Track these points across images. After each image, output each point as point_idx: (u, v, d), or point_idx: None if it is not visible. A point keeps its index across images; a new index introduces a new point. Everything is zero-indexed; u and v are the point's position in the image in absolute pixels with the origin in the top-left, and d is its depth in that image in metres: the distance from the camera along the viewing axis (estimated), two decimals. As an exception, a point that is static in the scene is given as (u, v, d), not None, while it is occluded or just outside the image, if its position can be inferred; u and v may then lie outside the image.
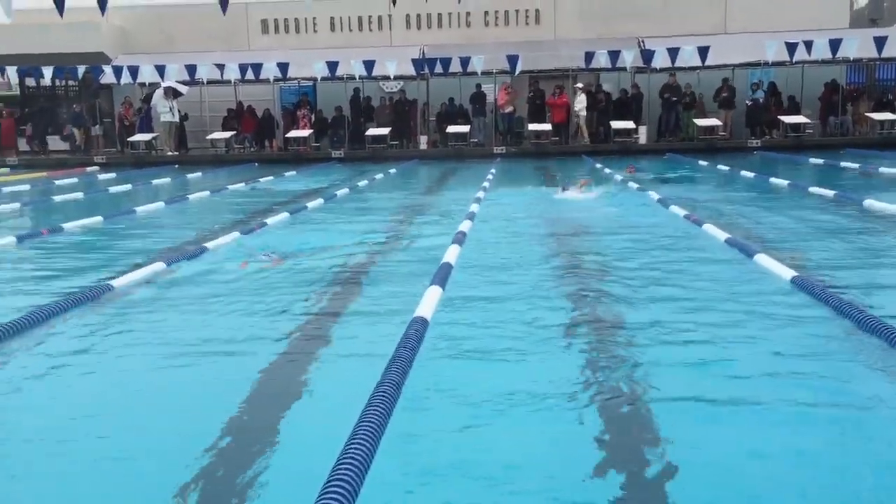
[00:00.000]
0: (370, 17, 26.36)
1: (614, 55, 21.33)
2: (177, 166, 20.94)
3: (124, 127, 24.22)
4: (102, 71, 22.89)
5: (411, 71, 22.41)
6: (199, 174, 18.17)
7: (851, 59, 21.68)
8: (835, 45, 20.39)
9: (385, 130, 22.87)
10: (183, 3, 26.32)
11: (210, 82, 23.49)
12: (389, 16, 25.64)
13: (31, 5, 21.11)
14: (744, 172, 14.30)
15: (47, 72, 22.45)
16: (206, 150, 24.04)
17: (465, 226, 8.22)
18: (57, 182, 16.80)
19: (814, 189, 10.95)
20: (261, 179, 15.99)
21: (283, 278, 6.07)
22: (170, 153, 23.02)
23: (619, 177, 13.96)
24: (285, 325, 4.72)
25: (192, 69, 22.21)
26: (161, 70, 22.14)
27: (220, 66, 22.22)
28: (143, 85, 23.65)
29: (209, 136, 24.02)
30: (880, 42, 20.43)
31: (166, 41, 25.99)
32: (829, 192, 10.40)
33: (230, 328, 4.70)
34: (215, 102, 25.49)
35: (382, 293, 5.58)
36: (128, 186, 15.40)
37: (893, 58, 22.43)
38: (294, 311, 5.07)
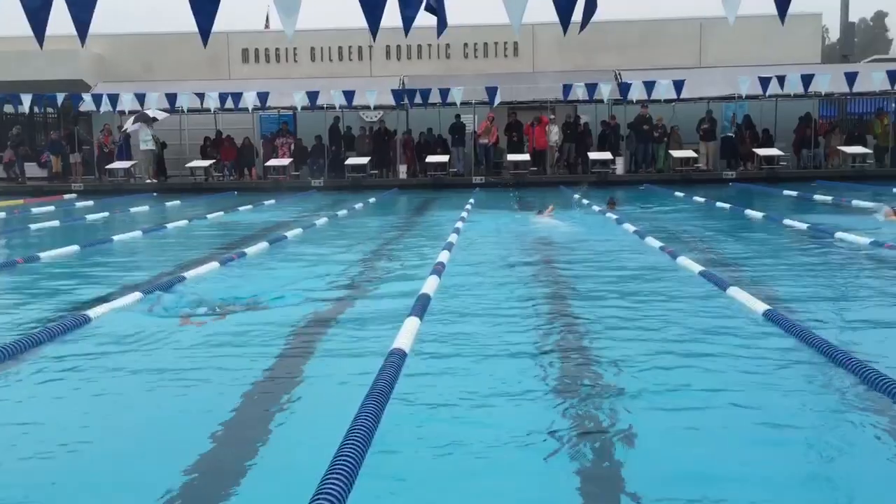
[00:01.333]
0: (350, 47, 26.61)
1: (591, 87, 21.64)
2: (155, 194, 20.89)
3: (103, 154, 24.15)
4: (82, 98, 22.87)
5: (391, 101, 22.59)
6: (177, 202, 18.13)
7: (823, 93, 22.13)
8: (807, 79, 20.83)
9: (364, 160, 22.98)
10: (163, 32, 26.46)
11: (190, 111, 23.53)
12: (370, 47, 25.91)
13: (12, 33, 21.08)
14: (719, 204, 14.50)
15: (26, 99, 22.39)
16: (185, 179, 24.01)
17: (443, 256, 8.27)
18: (34, 209, 16.68)
19: (788, 221, 11.13)
20: (240, 208, 15.99)
21: (260, 312, 6.07)
22: (148, 181, 22.97)
23: (597, 207, 14.11)
24: (262, 359, 4.71)
25: (172, 97, 22.26)
26: (141, 98, 22.16)
27: (200, 95, 22.30)
28: (122, 113, 23.63)
29: (188, 165, 23.99)
30: (851, 77, 20.89)
31: (146, 69, 26.05)
32: (803, 225, 10.58)
33: (203, 364, 4.69)
34: (195, 131, 25.54)
35: (360, 324, 5.59)
36: (105, 214, 15.33)
37: (864, 93, 22.95)
38: (269, 345, 5.06)
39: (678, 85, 21.26)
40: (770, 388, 3.99)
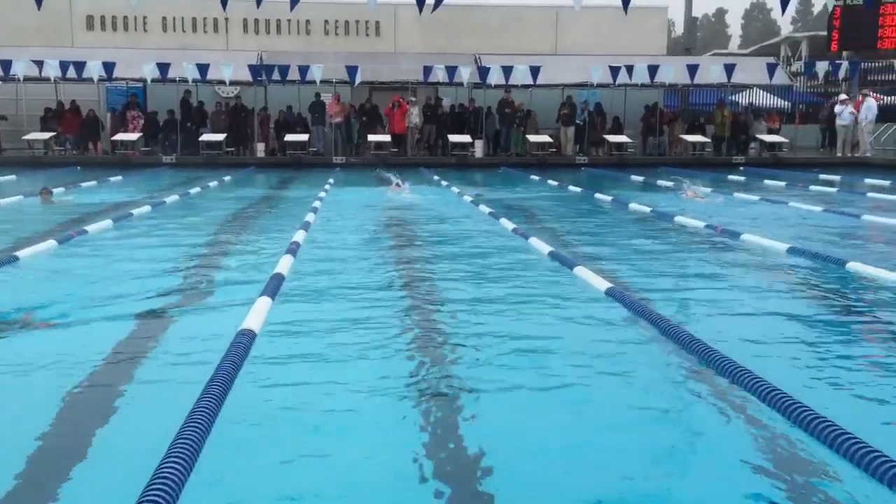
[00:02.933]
0: (205, 18, 25.60)
1: (452, 70, 21.85)
2: (-13, 168, 19.35)
3: (-74, 124, 22.14)
4: None
5: (248, 77, 21.93)
6: (13, 177, 16.89)
7: (667, 84, 23.40)
8: (653, 70, 21.92)
9: (220, 136, 22.22)
10: (-4, -8, 24.48)
11: (27, 79, 21.93)
12: (226, 18, 24.99)
13: None
14: (571, 188, 15.05)
15: None
16: (22, 152, 22.38)
17: (299, 235, 8.16)
18: None
19: (633, 205, 11.71)
20: (83, 184, 15.10)
21: (100, 292, 5.78)
22: (-21, 153, 21.31)
23: (455, 189, 14.31)
24: (99, 340, 4.49)
25: (6, 64, 20.67)
26: (-30, 63, 20.46)
27: (39, 63, 20.81)
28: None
29: (26, 137, 22.37)
30: (693, 69, 22.19)
31: (-24, 32, 24.04)
32: (646, 209, 11.17)
33: (43, 340, 4.43)
34: (34, 101, 23.79)
35: (210, 305, 5.44)
36: (-72, 189, 14.08)
37: (704, 84, 24.49)
38: (110, 326, 4.84)
39: (534, 71, 21.82)
40: (610, 363, 4.19)
